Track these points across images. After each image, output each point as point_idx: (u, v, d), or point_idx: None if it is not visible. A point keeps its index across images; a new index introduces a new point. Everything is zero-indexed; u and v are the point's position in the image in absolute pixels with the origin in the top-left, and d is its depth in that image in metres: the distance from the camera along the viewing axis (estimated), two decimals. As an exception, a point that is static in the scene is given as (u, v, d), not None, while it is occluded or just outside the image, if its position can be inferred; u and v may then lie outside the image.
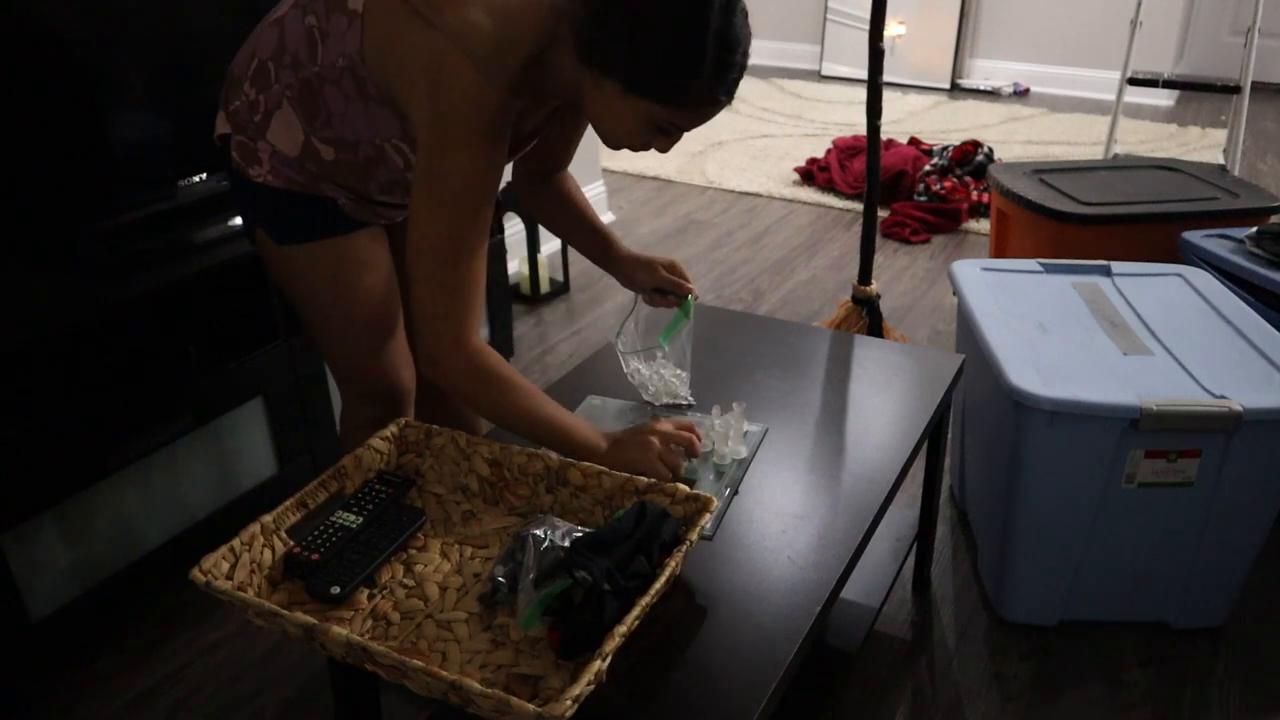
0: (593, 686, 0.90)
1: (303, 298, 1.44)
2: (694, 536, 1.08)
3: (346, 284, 1.41)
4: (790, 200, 3.95)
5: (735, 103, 5.47)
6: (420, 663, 0.91)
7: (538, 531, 1.08)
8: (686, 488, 1.15)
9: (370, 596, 1.11)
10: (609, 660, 0.93)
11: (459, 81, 1.12)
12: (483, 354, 1.20)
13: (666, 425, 1.28)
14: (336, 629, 0.95)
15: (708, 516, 1.12)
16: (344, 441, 1.58)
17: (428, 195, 1.17)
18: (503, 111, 1.15)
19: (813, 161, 4.13)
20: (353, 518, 1.18)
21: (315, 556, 1.11)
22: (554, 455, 1.22)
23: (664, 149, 1.22)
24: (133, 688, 1.66)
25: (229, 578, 1.06)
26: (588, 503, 1.21)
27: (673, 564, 1.05)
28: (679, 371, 1.52)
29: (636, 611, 0.97)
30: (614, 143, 1.21)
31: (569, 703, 0.86)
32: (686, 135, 5.21)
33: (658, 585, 1.01)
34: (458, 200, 1.16)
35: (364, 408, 1.53)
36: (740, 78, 1.15)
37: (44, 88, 1.60)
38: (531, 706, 0.85)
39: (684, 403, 1.50)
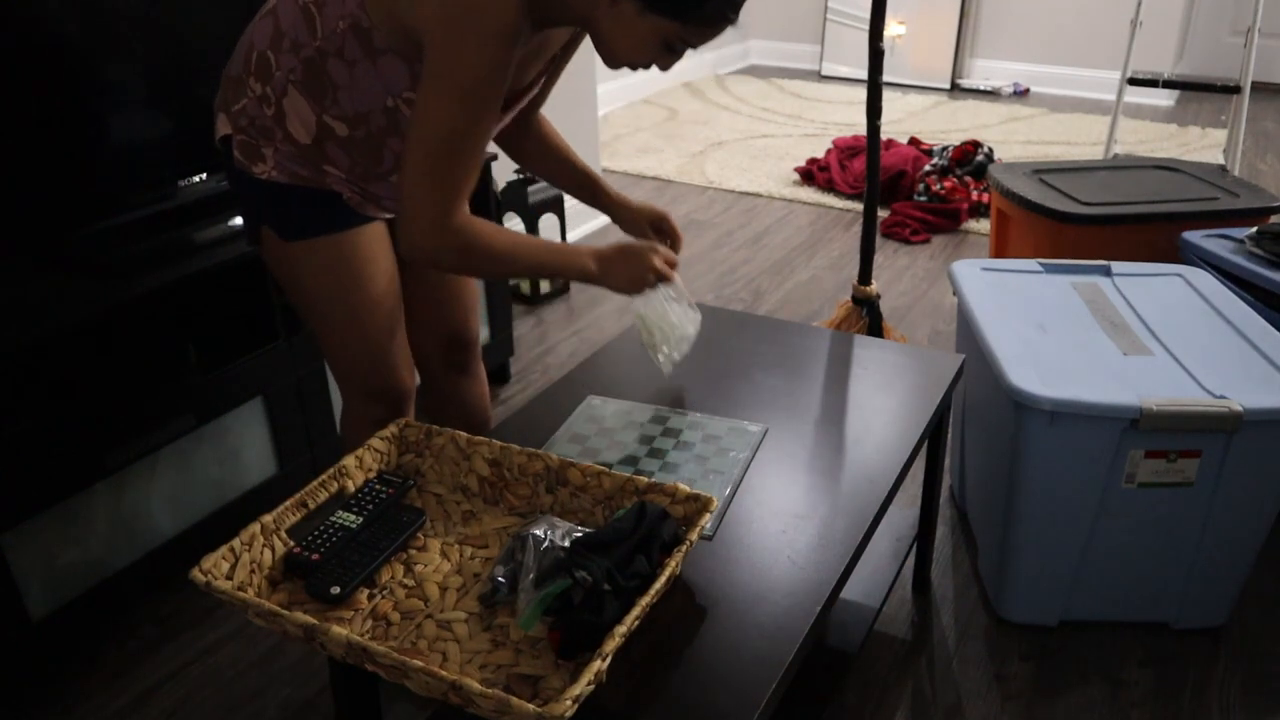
0: (593, 686, 0.90)
1: (308, 295, 1.44)
2: (694, 536, 1.08)
3: (351, 280, 1.41)
4: (790, 200, 3.95)
5: (735, 102, 5.51)
6: (420, 663, 0.91)
7: (538, 531, 1.08)
8: (686, 488, 1.15)
9: (370, 596, 1.11)
10: (609, 660, 0.93)
11: None
12: (461, 231, 1.23)
13: (655, 250, 1.41)
14: (336, 629, 0.95)
15: (708, 516, 1.12)
16: (345, 441, 1.57)
17: (434, 90, 1.16)
18: (517, 13, 1.14)
19: (813, 161, 4.13)
20: (353, 518, 1.18)
21: (315, 557, 1.11)
22: (554, 455, 1.22)
23: (666, 67, 1.25)
24: (133, 688, 1.66)
25: (229, 578, 1.06)
26: (588, 503, 1.21)
27: (673, 564, 1.05)
28: (691, 313, 1.53)
29: (636, 611, 0.98)
30: (618, 61, 1.24)
31: (569, 703, 0.86)
32: (686, 135, 5.12)
33: (658, 585, 1.01)
34: (464, 96, 1.16)
35: (366, 407, 1.53)
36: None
37: (45, 88, 1.60)
38: (531, 706, 0.85)
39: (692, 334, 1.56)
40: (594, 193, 1.59)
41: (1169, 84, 3.54)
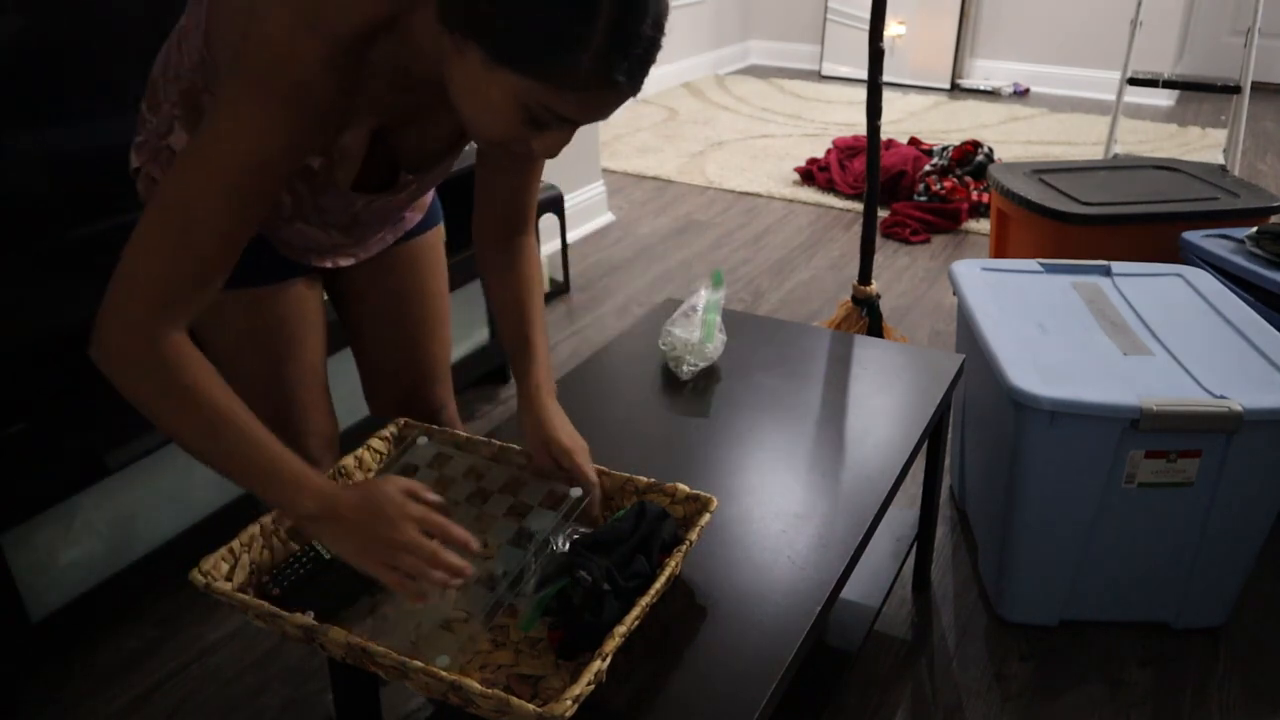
0: (593, 686, 0.90)
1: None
2: (694, 536, 1.08)
3: (234, 344, 1.26)
4: (790, 200, 3.95)
5: (735, 102, 5.48)
6: (420, 663, 0.91)
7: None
8: (686, 488, 1.15)
9: (370, 596, 1.11)
10: (609, 660, 0.93)
11: (268, 26, 0.88)
12: (167, 345, 0.93)
13: (417, 509, 0.98)
14: (336, 629, 0.95)
15: (708, 516, 1.12)
16: None
17: (185, 155, 0.91)
18: (320, 71, 0.89)
19: (813, 161, 4.13)
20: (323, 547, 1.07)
21: (276, 592, 1.04)
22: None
23: (543, 150, 0.93)
24: (133, 688, 1.66)
25: (228, 579, 1.06)
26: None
27: (673, 564, 1.05)
28: (720, 336, 1.59)
29: (636, 611, 0.98)
30: (482, 132, 0.94)
31: (569, 703, 0.86)
32: (686, 135, 5.08)
33: (658, 585, 1.01)
34: (213, 165, 0.89)
35: None
36: (648, 56, 0.87)
37: (44, 88, 1.60)
38: (531, 706, 0.85)
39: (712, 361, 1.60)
40: (523, 371, 1.23)
41: (1169, 84, 3.54)
